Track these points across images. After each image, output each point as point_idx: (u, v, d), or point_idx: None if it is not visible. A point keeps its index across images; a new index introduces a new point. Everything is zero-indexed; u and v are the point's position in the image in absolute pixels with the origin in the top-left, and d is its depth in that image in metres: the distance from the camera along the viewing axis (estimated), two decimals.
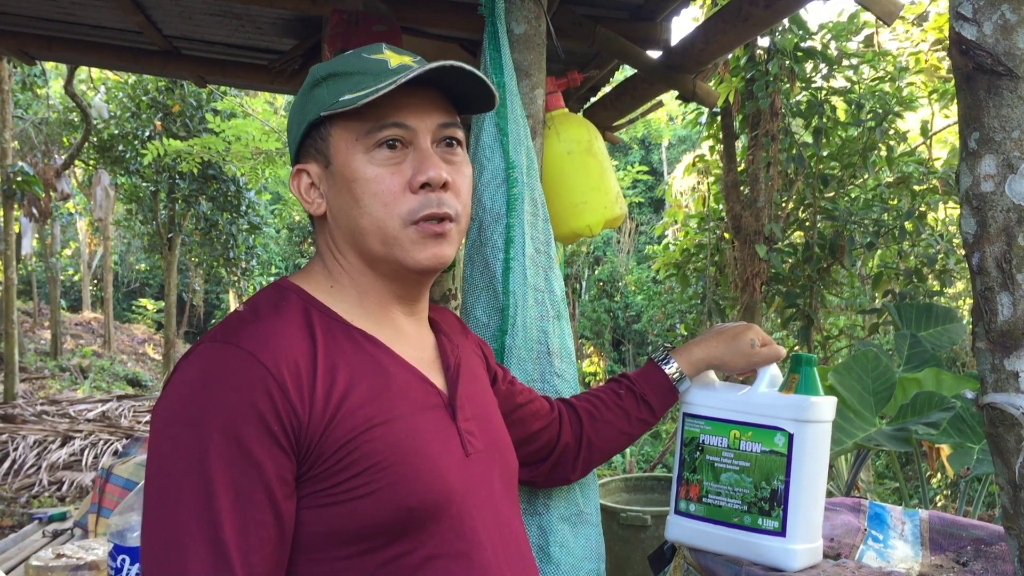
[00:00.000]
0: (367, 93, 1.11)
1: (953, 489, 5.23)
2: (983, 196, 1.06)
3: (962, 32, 1.07)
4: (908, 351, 3.24)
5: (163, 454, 1.02)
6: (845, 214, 4.99)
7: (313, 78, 1.20)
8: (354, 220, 1.16)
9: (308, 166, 1.20)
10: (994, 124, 1.05)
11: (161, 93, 11.11)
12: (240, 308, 1.15)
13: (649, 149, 18.51)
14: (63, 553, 2.20)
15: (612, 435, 1.59)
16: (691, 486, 1.53)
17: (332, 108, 1.14)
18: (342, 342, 1.13)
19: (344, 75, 1.17)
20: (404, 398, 1.13)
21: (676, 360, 1.61)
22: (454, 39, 3.30)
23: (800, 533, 1.41)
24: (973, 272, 1.09)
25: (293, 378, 1.04)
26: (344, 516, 1.05)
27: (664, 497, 3.88)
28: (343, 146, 1.16)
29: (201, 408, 1.01)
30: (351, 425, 1.06)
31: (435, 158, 1.16)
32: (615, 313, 13.97)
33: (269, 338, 1.06)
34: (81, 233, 19.06)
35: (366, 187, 1.14)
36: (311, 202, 1.21)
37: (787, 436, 1.42)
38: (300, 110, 1.21)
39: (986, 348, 1.08)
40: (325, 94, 1.16)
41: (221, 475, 0.99)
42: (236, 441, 1.00)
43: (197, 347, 1.08)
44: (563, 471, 1.59)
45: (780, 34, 4.77)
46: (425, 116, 1.17)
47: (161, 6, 3.54)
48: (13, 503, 6.48)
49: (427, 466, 1.10)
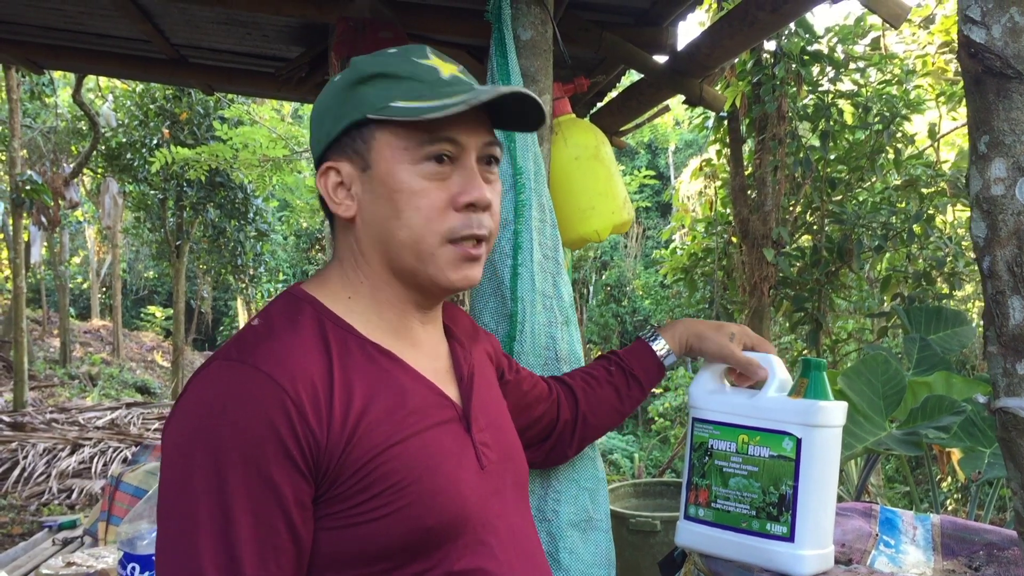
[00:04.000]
0: (432, 107, 1.08)
1: (964, 493, 5.21)
2: (993, 200, 1.06)
3: (971, 35, 1.06)
4: (917, 354, 3.22)
5: (179, 478, 0.99)
6: (853, 217, 4.97)
7: (359, 74, 1.14)
8: (391, 231, 1.12)
9: (340, 164, 1.14)
10: (1004, 127, 1.05)
11: (169, 101, 11.16)
12: (254, 322, 1.12)
13: (656, 153, 18.51)
14: (73, 561, 2.20)
15: (605, 411, 1.60)
16: (700, 491, 1.52)
17: (386, 114, 1.10)
18: (357, 357, 1.10)
19: (394, 78, 1.12)
20: (420, 414, 1.12)
21: (663, 337, 1.63)
22: (461, 45, 3.30)
23: (809, 539, 1.41)
24: (984, 276, 1.08)
25: (311, 399, 1.02)
26: (362, 538, 1.03)
27: (674, 503, 3.86)
28: (388, 153, 1.11)
29: (218, 431, 0.98)
30: (369, 445, 1.04)
31: (480, 178, 1.14)
32: (622, 317, 13.97)
33: (286, 357, 1.04)
34: (90, 241, 19.13)
35: (410, 200, 1.11)
36: (339, 203, 1.15)
37: (795, 441, 1.41)
38: (339, 105, 1.14)
39: (998, 352, 1.07)
40: (373, 95, 1.11)
41: (239, 500, 0.97)
42: (255, 465, 0.98)
43: (211, 365, 1.05)
44: (561, 449, 1.59)
45: (786, 38, 4.76)
46: (474, 133, 1.14)
47: (168, 15, 3.55)
48: (23, 511, 6.49)
49: (444, 484, 1.09)
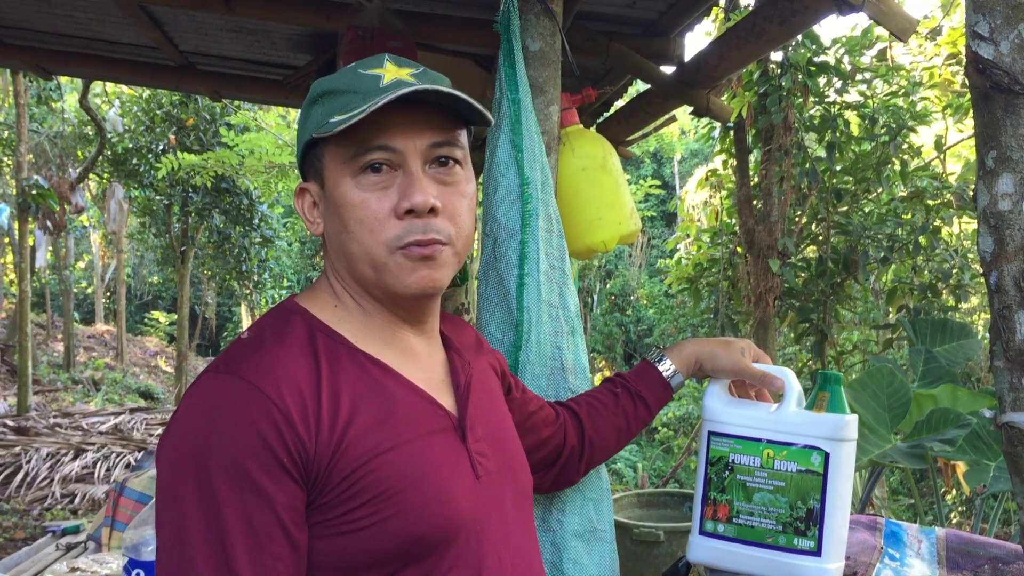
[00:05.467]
0: (347, 118, 1.07)
1: (968, 506, 5.20)
2: (1001, 215, 1.06)
3: (979, 51, 1.07)
4: (923, 367, 3.22)
5: (172, 492, 1.00)
6: (859, 229, 4.98)
7: (311, 95, 1.17)
8: (344, 245, 1.13)
9: (310, 185, 1.18)
10: (1012, 143, 1.05)
11: (175, 107, 11.18)
12: (244, 335, 1.12)
13: (661, 163, 18.54)
14: (77, 566, 2.20)
15: (611, 435, 1.60)
16: (719, 506, 1.51)
17: (323, 131, 1.10)
18: (347, 366, 1.10)
19: (337, 93, 1.13)
20: (410, 423, 1.11)
21: (669, 358, 1.62)
22: (469, 55, 3.31)
23: (834, 552, 1.41)
24: (991, 291, 1.08)
25: (298, 406, 1.02)
26: (351, 546, 1.03)
27: (677, 513, 3.85)
28: (334, 169, 1.13)
29: (207, 443, 0.99)
30: (357, 454, 1.04)
31: (422, 182, 1.11)
32: (627, 327, 13.98)
33: (272, 367, 1.04)
34: (95, 246, 19.19)
35: (352, 212, 1.11)
36: (312, 221, 1.18)
37: (823, 455, 1.41)
38: (300, 127, 1.19)
39: (1004, 367, 1.08)
40: (320, 113, 1.13)
41: (231, 511, 0.97)
42: (245, 475, 0.97)
43: (201, 378, 1.06)
44: (568, 474, 1.59)
45: (793, 49, 4.77)
46: (415, 136, 1.11)
47: (178, 22, 3.57)
48: (26, 515, 6.50)
49: (435, 493, 1.08)
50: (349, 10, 2.89)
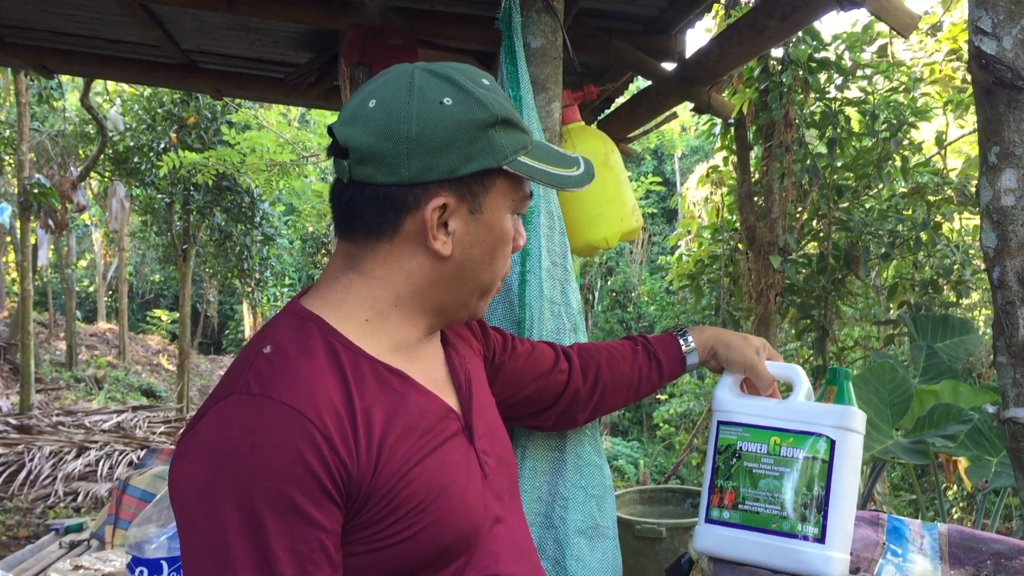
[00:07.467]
0: (561, 177, 1.17)
1: (969, 502, 5.20)
2: (1003, 210, 1.06)
3: (982, 47, 1.07)
4: (924, 363, 3.22)
5: (209, 523, 0.95)
6: (860, 225, 4.97)
7: (491, 115, 1.10)
8: (478, 274, 1.16)
9: (451, 200, 1.10)
10: (1014, 138, 1.05)
11: (176, 105, 11.17)
12: (264, 349, 1.06)
13: (662, 159, 18.52)
14: (81, 564, 2.21)
15: (622, 386, 1.61)
16: (725, 493, 1.52)
17: (515, 168, 1.12)
18: (370, 380, 1.08)
19: (516, 127, 1.14)
20: (432, 433, 1.11)
21: (691, 335, 1.64)
22: (470, 52, 3.31)
23: (838, 541, 1.41)
24: (994, 286, 1.08)
25: (338, 429, 1.00)
26: (387, 561, 1.03)
27: (679, 509, 3.86)
28: (501, 202, 1.14)
29: (249, 470, 0.95)
30: (392, 469, 1.04)
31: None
32: (628, 323, 13.97)
33: (307, 387, 1.01)
34: (96, 244, 19.20)
35: (504, 247, 1.18)
36: (436, 238, 1.11)
37: (829, 442, 1.42)
38: (468, 144, 1.08)
39: (1007, 362, 1.08)
40: (504, 143, 1.11)
41: (277, 539, 0.94)
42: (290, 503, 0.95)
43: (228, 401, 1.00)
44: (572, 414, 1.60)
45: (794, 45, 4.76)
46: None
47: (180, 21, 3.57)
48: (29, 513, 6.51)
49: (458, 501, 1.10)
50: (351, 8, 2.89)
